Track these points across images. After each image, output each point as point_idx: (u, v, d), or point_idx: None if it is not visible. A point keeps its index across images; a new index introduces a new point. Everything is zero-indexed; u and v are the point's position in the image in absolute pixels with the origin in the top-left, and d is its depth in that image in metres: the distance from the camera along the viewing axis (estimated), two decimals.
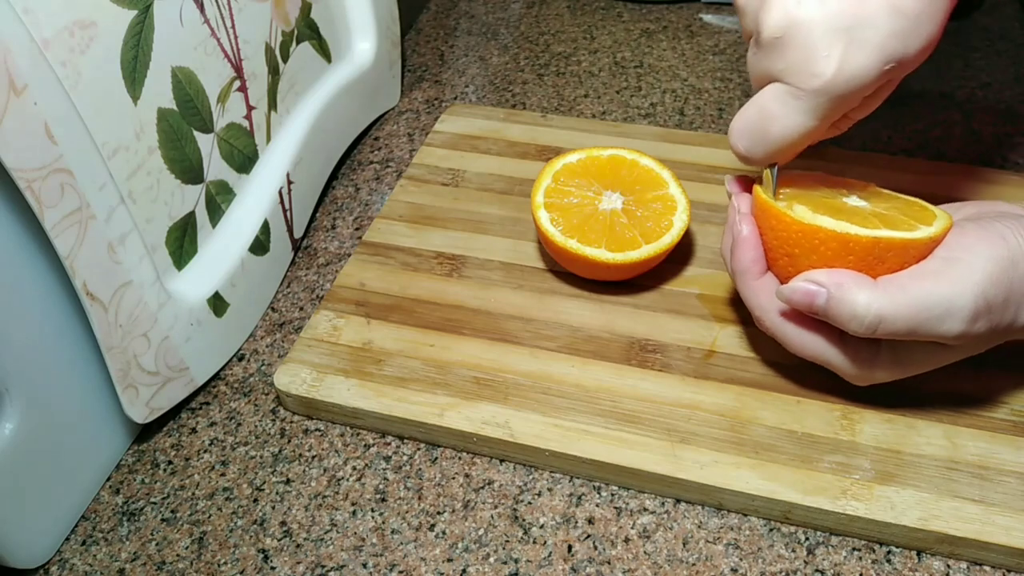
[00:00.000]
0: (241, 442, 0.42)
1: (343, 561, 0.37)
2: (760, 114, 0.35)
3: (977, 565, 0.36)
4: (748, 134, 0.35)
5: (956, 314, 0.33)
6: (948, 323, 0.33)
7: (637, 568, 0.36)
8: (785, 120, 0.34)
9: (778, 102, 0.34)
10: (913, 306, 0.33)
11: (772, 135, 0.35)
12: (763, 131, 0.35)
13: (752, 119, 0.35)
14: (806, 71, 0.33)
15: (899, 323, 0.34)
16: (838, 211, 0.36)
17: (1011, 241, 0.34)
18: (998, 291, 0.33)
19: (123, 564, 0.38)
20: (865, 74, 0.32)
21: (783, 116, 0.34)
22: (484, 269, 0.48)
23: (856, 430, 0.39)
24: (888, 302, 0.33)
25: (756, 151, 0.36)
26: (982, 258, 0.33)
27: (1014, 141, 0.57)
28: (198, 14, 0.41)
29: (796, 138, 0.35)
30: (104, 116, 0.36)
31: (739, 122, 0.36)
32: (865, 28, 0.32)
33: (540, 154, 0.55)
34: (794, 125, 0.34)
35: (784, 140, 0.35)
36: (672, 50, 0.68)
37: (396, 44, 0.62)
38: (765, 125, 0.35)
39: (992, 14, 0.69)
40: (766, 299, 0.37)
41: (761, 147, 0.35)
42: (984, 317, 0.33)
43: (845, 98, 0.33)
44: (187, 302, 0.42)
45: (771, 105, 0.34)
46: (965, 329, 0.33)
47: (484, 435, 0.40)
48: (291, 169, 0.49)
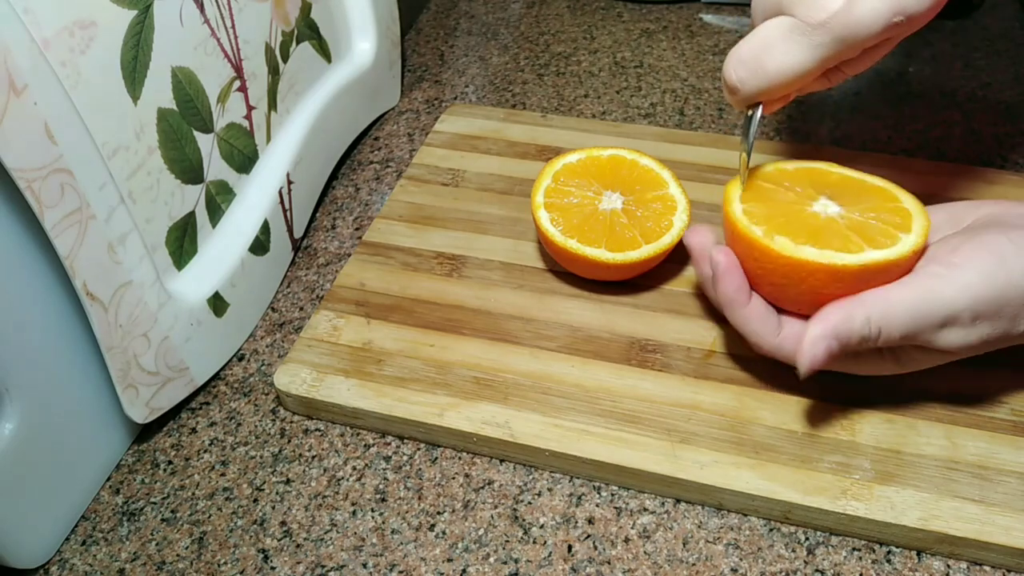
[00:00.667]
0: (241, 442, 0.42)
1: (343, 561, 0.37)
2: (761, 44, 0.34)
3: (977, 565, 0.36)
4: (745, 64, 0.35)
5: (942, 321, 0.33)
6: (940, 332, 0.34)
7: (637, 568, 0.36)
8: (783, 54, 0.34)
9: (780, 34, 0.34)
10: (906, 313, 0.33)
11: (769, 67, 0.34)
12: (760, 62, 0.34)
13: (751, 49, 0.35)
14: (816, 3, 0.32)
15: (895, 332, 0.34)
16: (814, 228, 0.36)
17: (1010, 260, 0.34)
18: (987, 308, 0.33)
19: (123, 564, 0.38)
20: (873, 19, 0.32)
21: (782, 49, 0.34)
22: (484, 269, 0.48)
23: (856, 430, 0.39)
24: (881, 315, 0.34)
25: (749, 83, 0.35)
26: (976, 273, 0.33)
27: (1014, 141, 0.57)
28: (198, 14, 0.41)
29: (792, 74, 0.34)
30: (104, 116, 0.36)
31: (737, 51, 0.35)
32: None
33: (540, 154, 0.55)
34: (792, 60, 0.34)
35: (779, 74, 0.34)
36: (672, 50, 0.68)
37: (396, 44, 0.62)
38: (763, 56, 0.34)
39: (992, 14, 0.69)
40: (758, 324, 0.37)
41: (755, 79, 0.35)
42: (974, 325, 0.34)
43: (848, 41, 0.33)
44: (187, 302, 0.42)
45: (773, 36, 0.34)
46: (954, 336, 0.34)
47: (484, 435, 0.40)
48: (291, 169, 0.49)
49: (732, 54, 0.35)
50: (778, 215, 0.37)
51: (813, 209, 0.37)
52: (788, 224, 0.36)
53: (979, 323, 0.34)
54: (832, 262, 0.34)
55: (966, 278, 0.33)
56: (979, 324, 0.34)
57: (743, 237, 0.36)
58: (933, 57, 0.65)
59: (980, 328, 0.34)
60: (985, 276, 0.33)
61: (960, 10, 0.69)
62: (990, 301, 0.33)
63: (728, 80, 0.36)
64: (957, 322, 0.34)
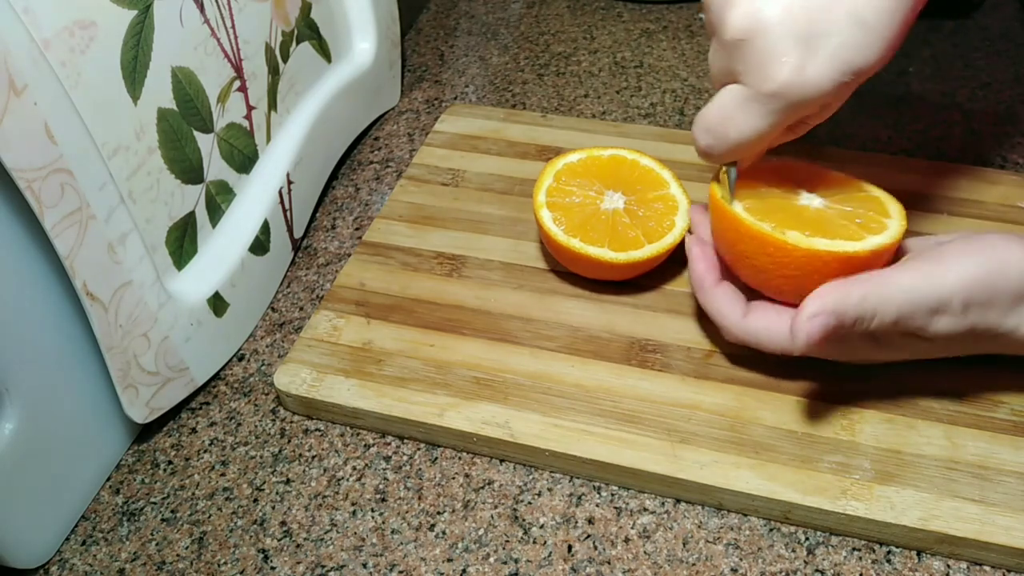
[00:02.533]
0: (241, 442, 0.42)
1: (343, 561, 0.37)
2: (720, 113, 0.35)
3: (977, 565, 0.36)
4: (709, 132, 0.36)
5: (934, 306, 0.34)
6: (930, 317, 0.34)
7: (637, 568, 0.36)
8: (742, 122, 0.35)
9: (735, 103, 0.34)
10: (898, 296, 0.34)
11: (730, 135, 0.35)
12: (724, 130, 0.35)
13: (712, 117, 0.36)
14: (763, 74, 0.33)
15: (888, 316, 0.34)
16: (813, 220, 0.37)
17: (1000, 250, 0.34)
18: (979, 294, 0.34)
19: (123, 564, 0.38)
20: (821, 82, 0.32)
21: (740, 117, 0.35)
22: (484, 269, 0.48)
23: (856, 430, 0.39)
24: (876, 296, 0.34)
25: (716, 149, 0.36)
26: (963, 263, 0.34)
27: (1014, 141, 0.57)
28: (198, 14, 0.41)
29: (753, 139, 0.35)
30: (104, 116, 0.36)
31: (701, 119, 0.36)
32: (825, 37, 0.32)
33: (540, 154, 0.55)
34: (750, 127, 0.35)
35: (741, 141, 0.35)
36: (672, 50, 0.68)
37: (396, 44, 0.62)
38: (724, 124, 0.35)
39: (992, 14, 0.69)
40: (725, 306, 0.38)
41: (720, 146, 0.36)
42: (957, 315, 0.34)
43: (801, 104, 0.33)
44: (187, 302, 0.42)
45: (729, 105, 0.35)
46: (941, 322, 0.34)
47: (484, 435, 0.40)
48: (291, 169, 0.49)
49: (698, 121, 0.37)
50: (776, 210, 0.38)
51: (801, 202, 0.39)
52: (789, 218, 0.37)
53: (969, 311, 0.34)
54: (844, 250, 0.35)
55: (960, 264, 0.34)
56: (969, 312, 0.34)
57: (754, 234, 0.37)
58: (933, 57, 0.65)
59: (970, 316, 0.34)
60: (978, 264, 0.34)
61: (960, 10, 0.69)
62: (982, 288, 0.34)
63: (697, 146, 0.37)
64: (948, 309, 0.34)
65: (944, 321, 0.35)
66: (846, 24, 0.31)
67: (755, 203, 0.38)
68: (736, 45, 0.33)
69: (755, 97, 0.34)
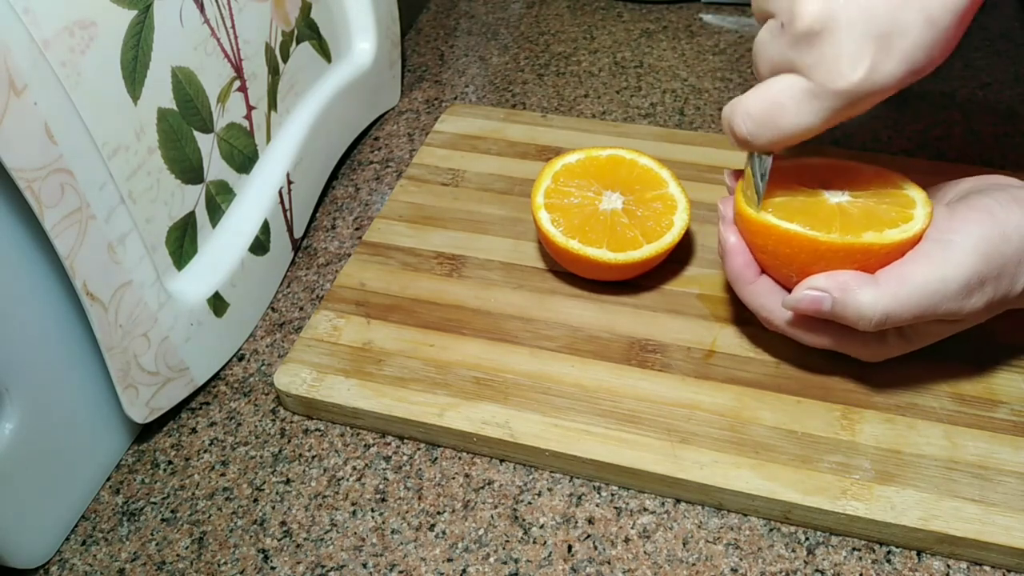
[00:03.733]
0: (241, 442, 0.42)
1: (343, 561, 0.37)
2: (772, 103, 0.34)
3: (977, 565, 0.36)
4: (755, 119, 0.35)
5: (952, 295, 0.34)
6: (947, 304, 0.35)
7: (637, 568, 0.36)
8: (796, 114, 0.34)
9: (794, 96, 0.34)
10: (914, 296, 0.34)
11: (781, 127, 0.34)
12: (772, 120, 0.34)
13: (760, 106, 0.35)
14: (835, 71, 0.32)
15: (904, 315, 0.35)
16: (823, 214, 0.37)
17: (999, 216, 0.35)
18: (991, 267, 0.34)
19: (123, 564, 0.38)
20: (889, 82, 0.32)
21: (796, 110, 0.34)
22: (484, 269, 0.48)
23: (856, 430, 0.39)
24: (891, 299, 0.35)
25: (760, 138, 0.35)
26: (972, 237, 0.34)
27: (1014, 141, 0.57)
28: (198, 14, 0.41)
29: (806, 133, 0.34)
30: (104, 116, 0.36)
31: (744, 105, 0.35)
32: (899, 36, 0.31)
33: (540, 154, 0.55)
34: (807, 121, 0.34)
35: (793, 133, 0.34)
36: (672, 50, 0.68)
37: (396, 44, 0.62)
38: (775, 114, 0.34)
39: (992, 14, 0.69)
40: (767, 299, 0.39)
41: (766, 136, 0.35)
42: (978, 292, 0.35)
43: (864, 103, 0.33)
44: (187, 302, 0.42)
45: (785, 96, 0.34)
46: (962, 305, 0.35)
47: (484, 435, 0.40)
48: (291, 169, 0.49)
49: (739, 105, 0.35)
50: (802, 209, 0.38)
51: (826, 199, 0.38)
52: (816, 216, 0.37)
53: (986, 285, 0.35)
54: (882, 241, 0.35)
55: (965, 247, 0.34)
56: (986, 285, 0.35)
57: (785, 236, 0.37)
58: None
59: (987, 289, 0.35)
60: (982, 238, 0.34)
61: None
62: (992, 261, 0.34)
63: (737, 131, 0.36)
64: (971, 291, 0.35)
65: (972, 301, 0.35)
66: (919, 24, 0.31)
67: (781, 203, 0.38)
68: (806, 37, 0.32)
69: (818, 92, 0.33)
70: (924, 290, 0.34)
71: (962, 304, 0.35)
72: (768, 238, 0.37)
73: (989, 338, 0.42)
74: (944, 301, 0.35)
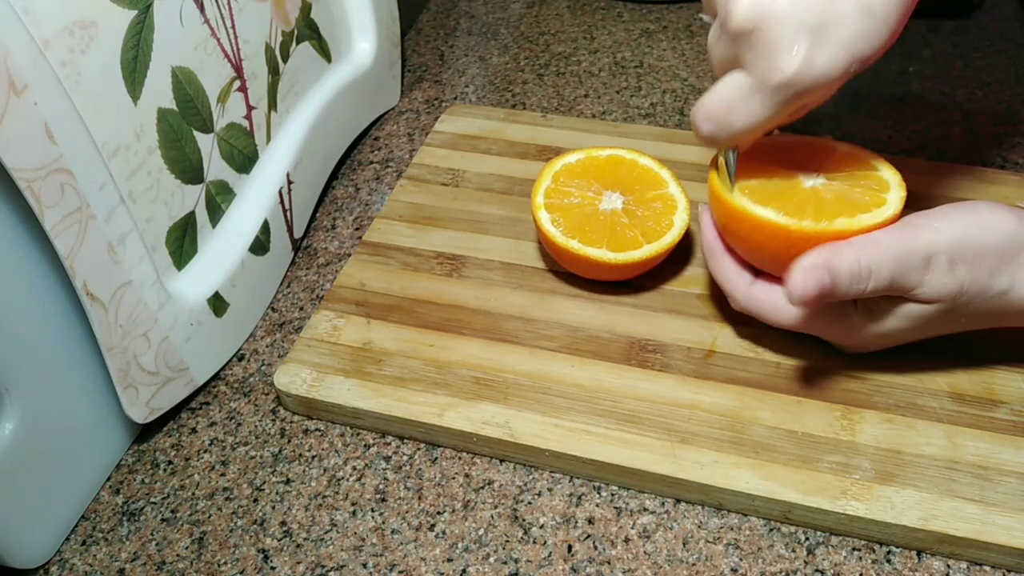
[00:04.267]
0: (241, 442, 0.42)
1: (343, 561, 0.37)
2: (723, 101, 0.35)
3: (977, 565, 0.36)
4: (712, 120, 0.36)
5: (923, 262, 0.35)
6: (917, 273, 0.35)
7: (637, 568, 0.36)
8: (746, 111, 0.35)
9: (740, 92, 0.35)
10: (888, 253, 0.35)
11: (734, 124, 0.35)
12: (726, 119, 0.35)
13: (715, 105, 0.36)
14: (770, 65, 0.33)
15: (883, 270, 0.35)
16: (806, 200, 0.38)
17: (983, 213, 0.36)
18: (965, 250, 0.35)
19: (123, 564, 0.38)
20: (829, 72, 0.33)
21: (745, 106, 0.35)
22: (484, 269, 0.48)
23: (856, 430, 0.39)
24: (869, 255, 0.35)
25: (719, 136, 0.36)
26: (949, 220, 0.35)
27: (1014, 141, 0.57)
28: (198, 14, 0.41)
29: (758, 127, 0.35)
30: (104, 116, 0.36)
31: (703, 108, 0.36)
32: (834, 27, 0.32)
33: (540, 154, 0.55)
34: (755, 116, 0.35)
35: (745, 129, 0.35)
36: (672, 50, 0.68)
37: (396, 44, 0.62)
38: (728, 113, 0.35)
39: (992, 14, 0.69)
40: (732, 273, 0.40)
41: (724, 133, 0.36)
42: (949, 271, 0.35)
43: (807, 93, 0.34)
44: (187, 302, 0.42)
45: (733, 94, 0.35)
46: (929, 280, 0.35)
47: (484, 435, 0.40)
48: (291, 169, 0.49)
49: (699, 108, 0.37)
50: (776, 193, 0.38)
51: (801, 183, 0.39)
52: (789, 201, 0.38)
53: (957, 268, 0.35)
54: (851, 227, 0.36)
55: (945, 221, 0.35)
56: (957, 269, 0.35)
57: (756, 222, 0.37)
58: (933, 57, 0.65)
59: (959, 273, 0.35)
60: (963, 224, 0.35)
61: (960, 10, 0.69)
62: (968, 243, 0.35)
63: (699, 133, 0.37)
64: (937, 263, 0.35)
65: (935, 278, 0.35)
66: (854, 14, 0.32)
67: (755, 187, 0.39)
68: (743, 34, 0.33)
69: (761, 87, 0.34)
70: (895, 249, 0.35)
71: (927, 277, 0.35)
72: (741, 224, 0.38)
73: (989, 338, 0.42)
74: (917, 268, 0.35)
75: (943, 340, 0.41)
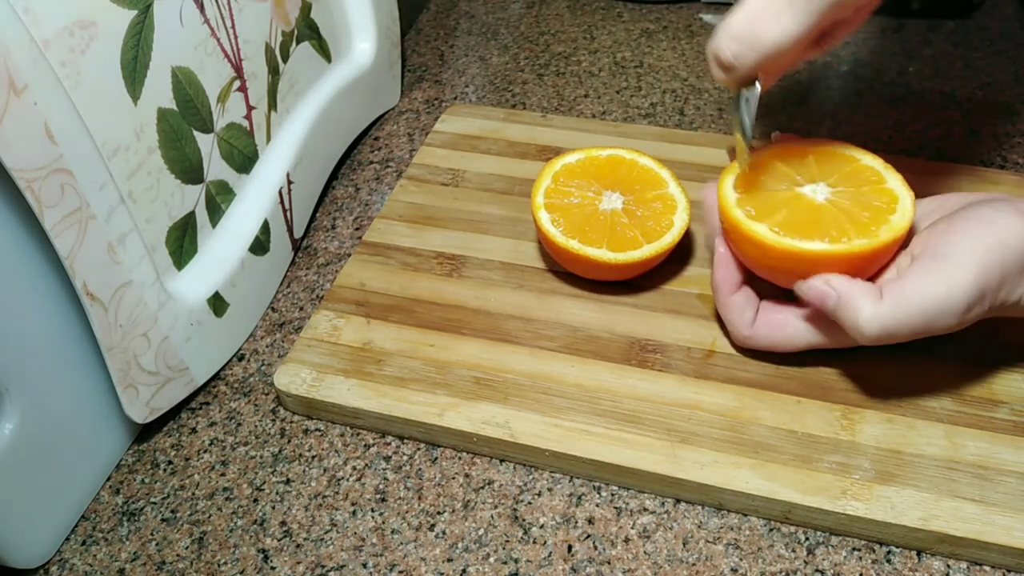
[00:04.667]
0: (241, 442, 0.42)
1: (343, 561, 0.37)
2: (750, 17, 0.34)
3: (977, 565, 0.36)
4: (736, 39, 0.35)
5: (952, 311, 0.34)
6: (945, 320, 0.34)
7: (637, 568, 0.36)
8: (775, 24, 0.34)
9: (768, 4, 0.34)
10: (915, 315, 0.34)
11: (764, 38, 0.34)
12: (753, 35, 0.34)
13: (741, 23, 0.35)
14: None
15: (902, 332, 0.35)
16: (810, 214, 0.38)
17: (999, 224, 0.35)
18: (990, 278, 0.34)
19: (123, 564, 0.38)
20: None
21: (775, 18, 0.34)
22: (484, 269, 0.48)
23: (856, 430, 0.39)
24: (890, 317, 0.34)
25: (746, 57, 0.35)
26: (973, 252, 0.34)
27: (1014, 141, 0.57)
28: (198, 14, 0.41)
29: (788, 41, 0.34)
30: (104, 116, 0.36)
31: (727, 27, 0.35)
32: None
33: (540, 154, 0.55)
34: (786, 28, 0.34)
35: (775, 44, 0.34)
36: (672, 50, 0.68)
37: (396, 44, 0.62)
38: (757, 28, 0.34)
39: (992, 14, 0.69)
40: (735, 315, 0.40)
41: (752, 52, 0.35)
42: (978, 306, 0.35)
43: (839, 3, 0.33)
44: (187, 302, 0.42)
45: (761, 7, 0.34)
46: (961, 321, 0.35)
47: (484, 435, 0.40)
48: (291, 169, 0.49)
49: (722, 31, 0.35)
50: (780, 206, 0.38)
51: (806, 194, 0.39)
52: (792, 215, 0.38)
53: (986, 298, 0.35)
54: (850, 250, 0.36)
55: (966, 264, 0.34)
56: (986, 298, 0.35)
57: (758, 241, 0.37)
58: (933, 57, 0.65)
59: (987, 301, 0.35)
60: (982, 250, 0.34)
61: (960, 10, 0.69)
62: (993, 272, 0.34)
63: (723, 58, 0.36)
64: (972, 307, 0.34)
65: (971, 315, 0.35)
66: None
67: (759, 200, 0.39)
68: None
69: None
70: (925, 309, 0.34)
71: (961, 319, 0.35)
72: (757, 249, 0.38)
73: (989, 338, 0.42)
74: (942, 318, 0.34)
75: (943, 340, 0.41)
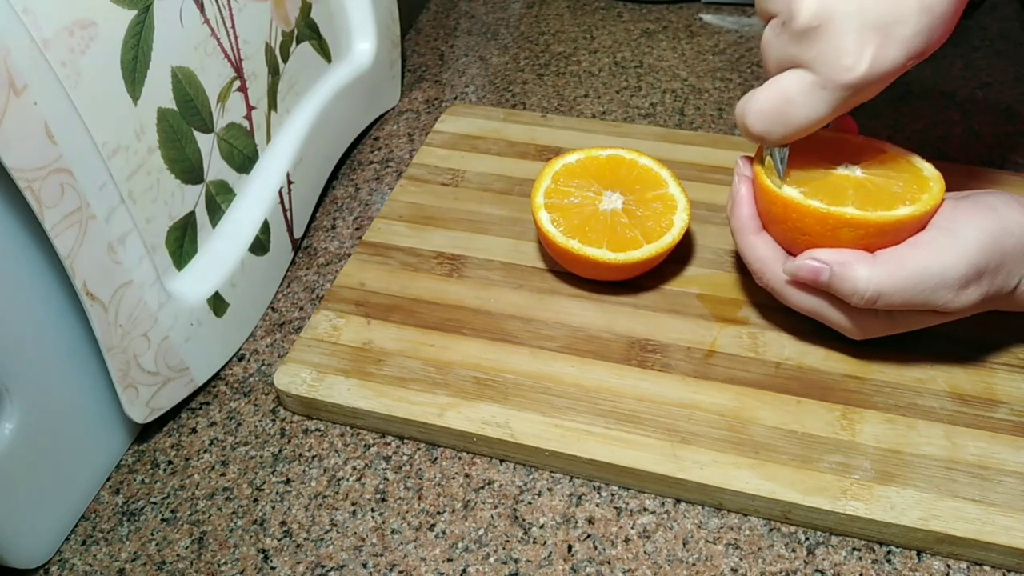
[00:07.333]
0: (241, 442, 0.42)
1: (343, 561, 0.37)
2: (781, 99, 0.35)
3: (977, 565, 0.36)
4: (766, 117, 0.36)
5: (949, 284, 0.35)
6: (941, 293, 0.35)
7: (637, 568, 0.36)
8: (807, 108, 0.35)
9: (802, 90, 0.35)
10: (909, 280, 0.35)
11: (792, 121, 0.35)
12: (783, 115, 0.35)
13: (772, 102, 0.36)
14: (838, 64, 0.33)
15: (896, 297, 0.36)
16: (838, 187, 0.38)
17: (1002, 212, 0.36)
18: (990, 259, 0.35)
19: (123, 564, 0.38)
20: (892, 69, 0.33)
21: (805, 104, 0.35)
22: (484, 269, 0.48)
23: (856, 430, 0.39)
24: (886, 278, 0.35)
25: (773, 134, 0.36)
26: (974, 229, 0.35)
27: (1014, 141, 0.57)
28: (198, 14, 0.41)
29: (816, 124, 0.35)
30: (104, 116, 0.36)
31: (756, 105, 0.36)
32: (897, 25, 0.32)
33: (540, 154, 0.55)
34: (816, 113, 0.35)
35: (804, 127, 0.36)
36: (672, 50, 0.68)
37: (396, 44, 0.62)
38: (785, 110, 0.35)
39: (992, 14, 0.69)
40: (764, 253, 0.40)
41: (779, 131, 0.36)
42: (975, 284, 0.35)
43: (869, 91, 0.34)
44: (187, 302, 0.42)
45: (794, 91, 0.35)
46: (956, 297, 0.35)
47: (484, 435, 0.40)
48: (291, 169, 0.49)
49: (751, 106, 0.36)
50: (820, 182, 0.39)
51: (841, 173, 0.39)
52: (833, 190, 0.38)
53: (983, 278, 0.35)
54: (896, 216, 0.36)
55: (968, 238, 0.35)
56: (983, 279, 0.35)
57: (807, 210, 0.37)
58: (933, 57, 0.65)
59: (984, 283, 0.36)
60: (984, 229, 0.35)
61: None
62: (992, 252, 0.35)
63: (752, 130, 0.37)
64: (968, 283, 0.35)
65: (967, 293, 0.35)
66: (916, 12, 0.32)
67: (796, 176, 0.39)
68: (806, 34, 0.33)
69: (824, 84, 0.34)
70: (920, 276, 0.35)
71: (956, 295, 0.35)
72: (783, 207, 0.38)
73: (989, 338, 0.42)
74: (939, 290, 0.35)
75: (943, 340, 0.41)
